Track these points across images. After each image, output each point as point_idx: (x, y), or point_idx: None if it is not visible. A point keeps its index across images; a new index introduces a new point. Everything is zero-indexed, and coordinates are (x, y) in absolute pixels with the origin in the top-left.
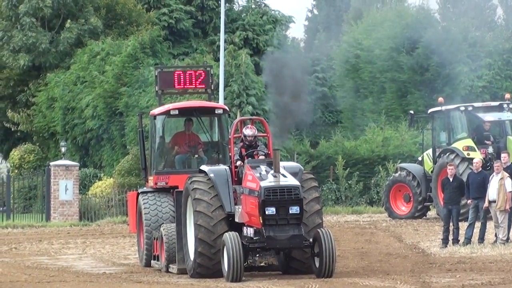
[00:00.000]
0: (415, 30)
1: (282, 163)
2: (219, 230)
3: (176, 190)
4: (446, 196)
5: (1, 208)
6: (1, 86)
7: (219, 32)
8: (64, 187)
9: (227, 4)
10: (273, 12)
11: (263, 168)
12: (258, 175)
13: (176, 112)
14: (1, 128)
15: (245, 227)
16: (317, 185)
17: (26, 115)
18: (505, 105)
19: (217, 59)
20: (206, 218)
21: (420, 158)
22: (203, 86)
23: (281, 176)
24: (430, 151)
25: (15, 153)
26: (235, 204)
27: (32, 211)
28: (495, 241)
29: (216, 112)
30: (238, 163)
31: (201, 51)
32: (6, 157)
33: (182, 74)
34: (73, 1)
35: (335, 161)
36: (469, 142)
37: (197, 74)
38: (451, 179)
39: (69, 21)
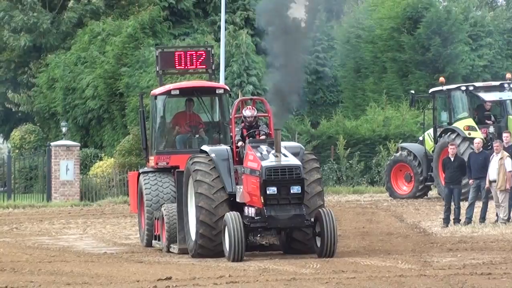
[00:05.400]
0: (416, 9)
1: (283, 143)
2: (220, 212)
3: (177, 170)
4: (447, 175)
5: (2, 188)
6: (2, 69)
7: (220, 12)
8: (65, 167)
9: None
10: None
11: (264, 148)
12: (259, 155)
13: (177, 92)
14: (2, 109)
15: (246, 207)
16: (319, 166)
17: (26, 96)
18: (506, 85)
19: (217, 39)
20: (207, 200)
21: (421, 138)
22: (204, 66)
23: (282, 156)
24: (431, 130)
25: (16, 134)
26: (236, 184)
27: (33, 191)
28: (496, 221)
29: (217, 92)
30: (240, 143)
31: (201, 31)
32: (7, 137)
33: (183, 55)
34: None
35: (336, 140)
36: (470, 122)
37: (197, 54)
38: (452, 159)
39: (72, 1)
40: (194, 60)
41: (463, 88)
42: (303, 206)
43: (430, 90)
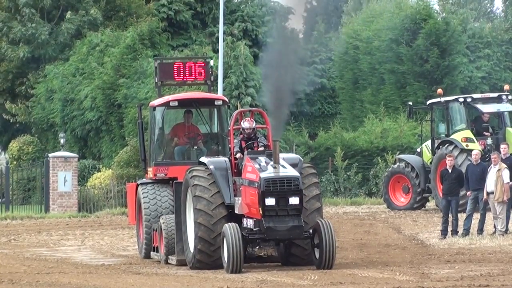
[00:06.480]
0: (415, 21)
1: (282, 155)
2: (219, 229)
3: (175, 181)
4: (445, 187)
5: (0, 200)
6: (0, 79)
7: (218, 24)
8: (63, 179)
9: None
10: (272, 3)
11: (262, 159)
12: (257, 166)
13: (176, 103)
14: (0, 120)
15: (244, 219)
16: (318, 181)
17: (24, 106)
18: (504, 97)
19: (216, 51)
20: (206, 216)
21: (419, 150)
22: (203, 77)
23: (280, 167)
24: (429, 142)
25: (14, 145)
26: (235, 195)
27: (31, 203)
28: (494, 232)
29: (215, 103)
30: (238, 155)
31: (200, 42)
32: (5, 148)
33: (181, 66)
34: None
35: (334, 152)
36: (468, 134)
37: (196, 66)
38: (450, 170)
39: (69, 12)
40: (192, 72)
41: (461, 99)
42: (302, 218)
43: (428, 102)
